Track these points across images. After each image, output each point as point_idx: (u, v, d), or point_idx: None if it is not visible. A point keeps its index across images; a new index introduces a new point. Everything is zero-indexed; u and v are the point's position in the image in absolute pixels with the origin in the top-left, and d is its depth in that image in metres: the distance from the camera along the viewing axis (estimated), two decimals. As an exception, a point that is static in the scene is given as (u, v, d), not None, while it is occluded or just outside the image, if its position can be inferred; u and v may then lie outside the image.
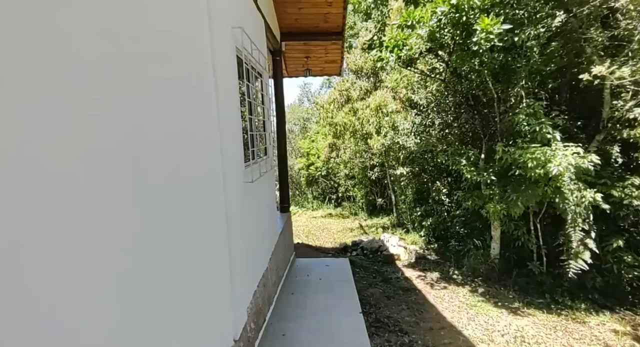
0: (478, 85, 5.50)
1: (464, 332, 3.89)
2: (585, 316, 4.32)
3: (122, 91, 1.16)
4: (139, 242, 1.22)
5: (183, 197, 1.60)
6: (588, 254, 4.32)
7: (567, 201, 4.32)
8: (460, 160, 5.31)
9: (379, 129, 9.22)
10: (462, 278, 5.74)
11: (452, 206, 7.90)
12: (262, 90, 4.09)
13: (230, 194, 2.41)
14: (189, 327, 1.61)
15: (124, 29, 1.19)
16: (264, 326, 3.33)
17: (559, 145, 4.21)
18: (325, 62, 6.93)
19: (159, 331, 1.34)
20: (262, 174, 3.39)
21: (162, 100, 1.43)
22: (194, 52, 1.87)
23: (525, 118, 4.44)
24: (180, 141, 1.60)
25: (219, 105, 2.20)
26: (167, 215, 1.43)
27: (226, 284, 2.25)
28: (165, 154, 1.45)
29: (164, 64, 1.48)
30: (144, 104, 1.29)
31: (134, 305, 1.16)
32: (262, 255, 3.59)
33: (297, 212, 13.77)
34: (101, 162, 1.03)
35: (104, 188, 1.04)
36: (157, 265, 1.34)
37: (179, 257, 1.55)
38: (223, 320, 2.16)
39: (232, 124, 2.60)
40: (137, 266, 1.20)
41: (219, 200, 2.19)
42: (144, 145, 1.28)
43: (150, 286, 1.28)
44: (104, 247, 1.03)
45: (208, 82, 2.08)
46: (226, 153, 2.35)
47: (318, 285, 4.80)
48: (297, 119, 20.93)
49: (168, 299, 1.41)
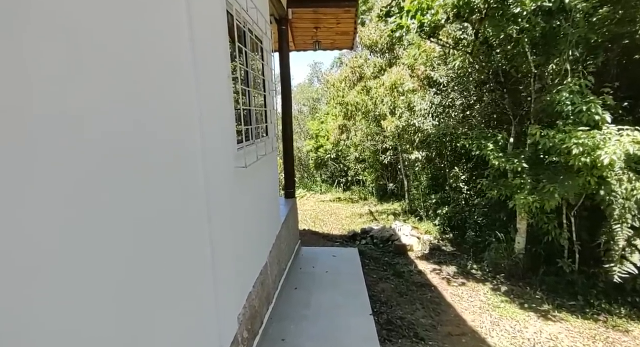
0: (511, 59, 4.80)
1: (488, 341, 3.43)
2: (627, 323, 3.81)
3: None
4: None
5: (127, 191, 1.11)
6: (638, 257, 3.76)
7: (615, 193, 3.73)
8: (487, 145, 4.71)
9: (393, 109, 8.56)
10: (482, 274, 5.25)
11: (471, 194, 7.32)
12: (263, 59, 3.53)
13: (214, 182, 1.92)
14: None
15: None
16: (261, 330, 2.92)
17: (611, 129, 3.57)
18: (337, 33, 6.24)
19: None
20: (260, 157, 2.89)
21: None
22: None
23: (569, 96, 3.79)
24: (125, 110, 1.10)
25: (197, 65, 1.68)
26: (96, 215, 0.95)
27: (207, 293, 1.79)
28: (98, 126, 0.95)
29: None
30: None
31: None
32: (260, 250, 3.14)
33: (304, 196, 13.38)
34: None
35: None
36: (80, 289, 0.86)
37: (122, 273, 1.08)
38: (201, 338, 1.72)
39: (218, 93, 2.08)
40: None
41: (197, 191, 1.70)
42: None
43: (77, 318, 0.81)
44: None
45: (180, 32, 1.55)
46: (208, 131, 1.85)
47: (324, 279, 4.38)
48: (306, 100, 20.25)
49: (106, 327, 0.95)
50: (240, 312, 2.42)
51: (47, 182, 0.81)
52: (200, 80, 1.73)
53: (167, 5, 1.46)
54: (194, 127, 1.67)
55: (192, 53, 1.64)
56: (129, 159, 1.13)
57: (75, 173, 0.89)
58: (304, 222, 8.84)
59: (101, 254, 0.99)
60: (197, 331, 1.67)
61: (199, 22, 1.72)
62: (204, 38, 1.80)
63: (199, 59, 1.71)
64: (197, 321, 1.67)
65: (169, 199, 1.41)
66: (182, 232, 1.53)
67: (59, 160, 0.84)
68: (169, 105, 1.44)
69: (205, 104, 1.82)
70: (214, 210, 1.88)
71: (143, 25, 1.24)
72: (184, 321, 1.53)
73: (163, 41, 1.40)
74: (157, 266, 1.31)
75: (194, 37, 1.65)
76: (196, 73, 1.69)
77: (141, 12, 1.23)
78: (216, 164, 1.99)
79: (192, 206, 1.64)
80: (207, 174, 1.80)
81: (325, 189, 14.09)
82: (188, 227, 1.59)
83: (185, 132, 1.60)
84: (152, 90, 1.29)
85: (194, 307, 1.64)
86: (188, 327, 1.57)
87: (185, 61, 1.60)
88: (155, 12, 1.34)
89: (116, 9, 1.08)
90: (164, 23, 1.42)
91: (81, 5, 0.93)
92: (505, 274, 5.13)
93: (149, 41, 1.28)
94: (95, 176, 0.96)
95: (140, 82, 1.21)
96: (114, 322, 1.03)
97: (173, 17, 1.51)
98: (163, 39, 1.40)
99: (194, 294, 1.64)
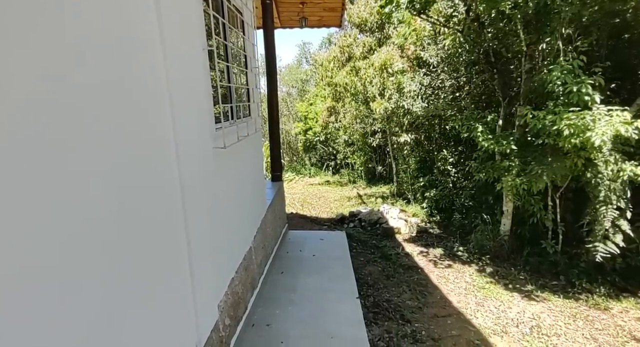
0: (503, 38, 4.68)
1: (473, 322, 3.47)
2: (607, 301, 3.90)
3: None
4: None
5: (83, 181, 0.97)
6: (620, 237, 3.81)
7: (601, 175, 3.73)
8: (476, 126, 4.64)
9: (382, 91, 8.39)
10: (468, 255, 5.30)
11: (459, 176, 7.33)
12: (244, 34, 3.31)
13: (189, 164, 1.78)
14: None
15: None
16: (245, 316, 2.86)
17: (601, 110, 3.52)
18: (324, 9, 5.96)
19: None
20: (242, 138, 2.74)
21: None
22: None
23: (560, 76, 3.70)
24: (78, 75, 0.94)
25: (164, 34, 1.51)
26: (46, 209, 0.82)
27: (183, 284, 1.69)
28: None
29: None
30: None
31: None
32: (243, 234, 3.04)
33: (293, 179, 13.27)
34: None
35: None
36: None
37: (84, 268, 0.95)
38: (176, 329, 1.62)
39: (192, 68, 1.91)
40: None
41: (169, 174, 1.56)
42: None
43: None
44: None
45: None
46: (181, 109, 1.69)
47: (311, 262, 4.33)
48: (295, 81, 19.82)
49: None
50: (222, 300, 2.33)
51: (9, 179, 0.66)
52: (169, 52, 1.55)
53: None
54: (162, 106, 1.52)
55: (157, 21, 1.46)
56: (78, 148, 0.98)
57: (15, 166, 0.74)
58: (292, 206, 8.77)
59: (59, 249, 0.86)
60: (172, 323, 1.57)
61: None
62: (173, 3, 1.61)
63: (167, 28, 1.53)
64: (172, 312, 1.57)
65: (136, 184, 1.27)
66: (153, 220, 1.40)
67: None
68: (135, 76, 1.28)
69: (176, 79, 1.65)
70: (189, 194, 1.75)
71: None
72: (158, 314, 1.42)
73: (121, 8, 1.22)
74: (125, 258, 1.18)
75: (160, 2, 1.47)
76: (164, 44, 1.52)
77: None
78: (191, 144, 1.84)
79: (163, 190, 1.50)
80: (180, 156, 1.66)
81: (314, 173, 14.00)
82: (159, 213, 1.46)
83: (153, 110, 1.44)
84: (106, 63, 1.12)
85: (169, 299, 1.54)
86: (162, 320, 1.46)
87: (150, 29, 1.42)
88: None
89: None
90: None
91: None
92: (490, 255, 5.19)
93: (103, 5, 1.10)
94: (25, 172, 0.81)
95: (91, 55, 1.04)
96: (75, 323, 0.92)
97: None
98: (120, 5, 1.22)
99: (168, 285, 1.53)
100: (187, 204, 1.72)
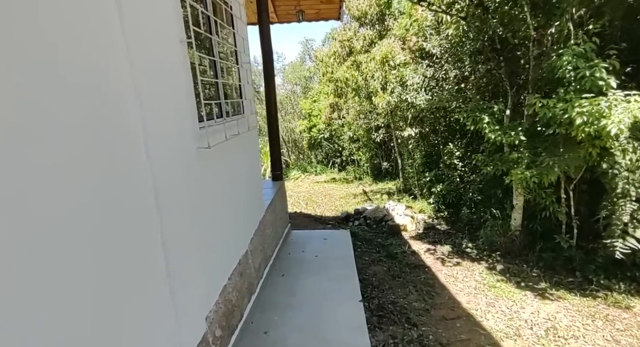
0: (508, 23, 4.42)
1: (483, 324, 3.27)
2: (628, 299, 3.66)
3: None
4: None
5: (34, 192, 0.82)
6: (641, 231, 3.57)
7: (618, 165, 3.49)
8: (483, 117, 4.41)
9: (384, 85, 8.16)
10: (477, 252, 5.09)
11: (466, 170, 7.09)
12: (234, 28, 3.15)
13: (166, 168, 1.64)
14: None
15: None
16: (240, 323, 2.72)
17: (617, 95, 3.28)
18: (321, 2, 5.77)
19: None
20: (231, 137, 2.59)
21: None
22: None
23: (571, 60, 3.46)
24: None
25: (124, 23, 1.36)
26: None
27: (161, 299, 1.54)
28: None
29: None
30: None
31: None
32: (237, 238, 2.90)
33: (299, 177, 13.14)
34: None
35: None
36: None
37: (43, 285, 0.81)
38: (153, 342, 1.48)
39: (168, 62, 1.76)
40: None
41: (136, 174, 1.41)
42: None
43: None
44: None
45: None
46: (152, 108, 1.55)
47: (313, 263, 4.18)
48: (298, 79, 19.63)
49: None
50: (212, 309, 2.19)
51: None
52: (132, 43, 1.41)
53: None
54: (126, 101, 1.37)
55: (116, 3, 1.31)
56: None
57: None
58: (296, 205, 8.63)
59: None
60: (148, 334, 1.43)
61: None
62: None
63: (128, 12, 1.38)
64: (148, 333, 1.43)
65: (94, 183, 1.13)
66: (117, 234, 1.25)
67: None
68: (88, 68, 1.13)
69: (145, 74, 1.51)
70: (166, 199, 1.61)
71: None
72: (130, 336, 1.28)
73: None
74: (88, 277, 1.04)
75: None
76: (125, 34, 1.37)
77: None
78: (167, 146, 1.70)
79: (130, 190, 1.36)
80: (152, 156, 1.52)
81: (320, 170, 13.85)
82: (125, 225, 1.31)
83: (112, 105, 1.29)
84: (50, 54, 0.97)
85: (143, 318, 1.40)
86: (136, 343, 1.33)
87: (107, 12, 1.27)
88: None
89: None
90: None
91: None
92: (501, 252, 4.97)
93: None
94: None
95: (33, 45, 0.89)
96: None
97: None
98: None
99: (142, 303, 1.39)
100: (163, 204, 1.57)
